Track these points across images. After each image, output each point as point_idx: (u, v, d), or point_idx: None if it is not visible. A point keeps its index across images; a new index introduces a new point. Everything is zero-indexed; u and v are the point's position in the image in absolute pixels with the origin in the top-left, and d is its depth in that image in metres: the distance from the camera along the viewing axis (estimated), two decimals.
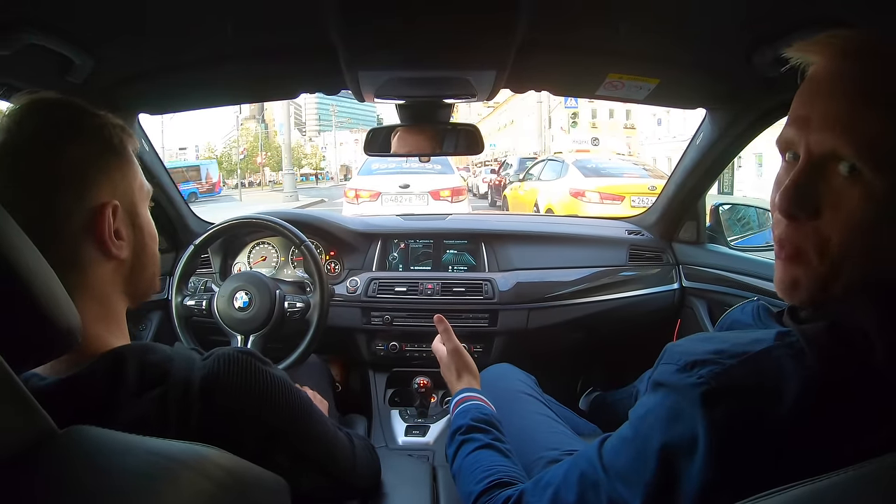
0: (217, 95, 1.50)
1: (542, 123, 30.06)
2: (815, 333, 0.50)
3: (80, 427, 0.44)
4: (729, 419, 0.49)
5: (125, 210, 0.66)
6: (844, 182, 0.50)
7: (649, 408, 0.57)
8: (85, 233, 0.63)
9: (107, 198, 0.64)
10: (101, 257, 0.64)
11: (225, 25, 1.05)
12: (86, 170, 0.63)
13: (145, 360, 0.60)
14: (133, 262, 0.68)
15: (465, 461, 0.89)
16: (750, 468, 0.49)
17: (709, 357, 0.52)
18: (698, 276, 1.83)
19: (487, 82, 1.23)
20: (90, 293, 0.63)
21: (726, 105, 1.45)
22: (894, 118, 0.47)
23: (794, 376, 0.49)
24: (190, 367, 0.62)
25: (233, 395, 0.62)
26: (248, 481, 0.49)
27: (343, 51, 1.08)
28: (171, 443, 0.44)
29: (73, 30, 0.99)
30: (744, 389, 0.50)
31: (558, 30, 1.10)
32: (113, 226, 0.64)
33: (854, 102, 0.49)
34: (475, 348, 1.80)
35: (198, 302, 1.49)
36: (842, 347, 0.49)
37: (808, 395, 0.48)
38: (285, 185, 20.83)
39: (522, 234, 1.95)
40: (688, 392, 0.51)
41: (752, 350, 0.51)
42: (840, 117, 0.49)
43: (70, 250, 0.62)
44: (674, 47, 1.20)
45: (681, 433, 0.52)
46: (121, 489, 0.39)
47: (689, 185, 1.77)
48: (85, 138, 0.63)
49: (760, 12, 0.98)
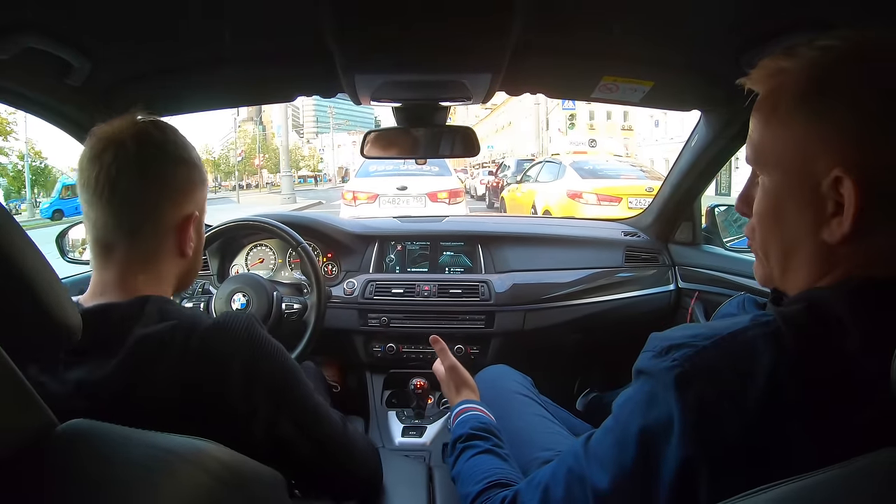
0: (214, 98, 1.51)
1: (539, 125, 30.14)
2: (793, 314, 0.53)
3: (79, 421, 0.45)
4: (701, 399, 0.51)
5: (199, 219, 0.81)
6: (756, 183, 0.61)
7: (629, 395, 0.59)
8: (172, 233, 0.77)
9: (192, 209, 0.79)
10: (173, 255, 0.78)
11: (222, 30, 1.06)
12: (185, 185, 0.78)
13: (164, 306, 0.72)
14: (192, 260, 0.83)
15: (465, 465, 0.90)
16: (725, 447, 0.50)
17: (684, 341, 0.54)
18: (694, 276, 1.84)
19: (483, 85, 1.24)
20: (157, 279, 0.76)
21: (720, 107, 1.46)
22: (768, 126, 0.58)
23: (767, 355, 0.50)
24: (200, 316, 0.73)
25: (229, 341, 0.70)
26: (246, 475, 0.50)
27: (339, 55, 1.09)
28: (169, 436, 0.45)
29: (71, 33, 1.00)
30: (716, 370, 0.52)
31: (553, 33, 1.11)
32: (191, 231, 0.79)
33: (753, 117, 0.60)
34: (472, 350, 1.81)
35: (196, 304, 1.50)
36: (819, 328, 0.51)
37: (781, 373, 0.49)
38: (283, 187, 20.81)
39: (519, 236, 1.96)
40: (663, 376, 0.53)
41: (725, 332, 0.53)
42: (750, 130, 0.61)
43: (157, 245, 0.76)
44: (667, 50, 1.21)
45: (657, 416, 0.54)
46: (121, 481, 0.40)
47: (685, 186, 1.78)
48: (187, 162, 0.78)
49: (748, 15, 1.00)
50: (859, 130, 0.51)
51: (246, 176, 42.19)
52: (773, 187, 0.58)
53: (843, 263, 0.54)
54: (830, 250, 0.54)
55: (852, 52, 0.53)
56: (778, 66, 0.57)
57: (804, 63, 0.55)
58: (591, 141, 14.65)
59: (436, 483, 1.28)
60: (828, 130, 0.52)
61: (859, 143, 0.51)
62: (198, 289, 1.60)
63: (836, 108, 0.52)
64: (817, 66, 0.54)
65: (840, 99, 0.52)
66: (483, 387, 1.53)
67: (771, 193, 0.59)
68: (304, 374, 0.80)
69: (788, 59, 0.56)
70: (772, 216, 0.59)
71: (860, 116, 0.51)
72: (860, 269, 0.53)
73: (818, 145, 0.53)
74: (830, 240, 0.53)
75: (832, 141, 0.52)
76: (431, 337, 1.23)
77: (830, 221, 0.53)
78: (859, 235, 0.52)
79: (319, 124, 62.28)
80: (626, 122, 31.39)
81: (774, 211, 0.58)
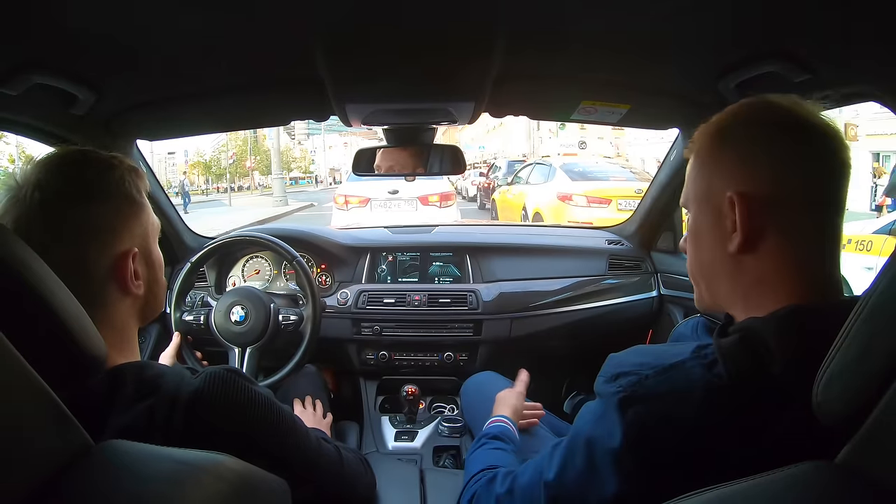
0: (211, 123, 1.57)
1: (530, 126, 30.17)
2: (728, 345, 0.61)
3: (113, 441, 0.51)
4: (639, 420, 0.60)
5: (142, 253, 0.75)
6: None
7: (587, 409, 0.70)
8: (109, 277, 0.71)
9: (127, 246, 0.72)
10: (121, 295, 0.72)
11: (219, 62, 1.12)
12: (109, 223, 0.71)
13: (141, 377, 0.67)
14: (146, 294, 0.77)
15: (480, 453, 1.08)
16: (659, 464, 0.60)
17: (631, 369, 0.64)
18: (675, 283, 1.90)
19: (467, 111, 1.32)
20: (111, 325, 0.71)
21: (696, 126, 1.52)
22: (690, 171, 0.73)
23: (702, 383, 0.59)
24: (179, 384, 0.68)
25: (216, 410, 0.69)
26: (257, 485, 0.56)
27: (330, 86, 1.15)
28: (192, 452, 0.51)
29: (77, 69, 1.05)
30: (655, 396, 0.61)
31: (532, 62, 1.17)
32: (133, 268, 0.72)
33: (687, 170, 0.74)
34: (461, 357, 1.87)
35: (196, 317, 1.55)
36: (746, 357, 0.59)
37: (712, 398, 0.58)
38: (274, 189, 20.74)
39: (506, 247, 2.03)
40: (610, 398, 0.63)
41: (667, 363, 0.63)
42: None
43: (96, 292, 0.70)
44: (643, 76, 1.27)
45: (602, 431, 0.64)
46: (155, 494, 0.45)
47: (665, 198, 1.85)
48: (109, 196, 0.71)
49: (725, 46, 1.05)
50: (749, 160, 0.65)
51: (237, 178, 41.91)
52: (693, 218, 0.73)
53: (750, 272, 0.65)
54: (736, 261, 0.66)
55: (741, 114, 0.69)
56: (700, 131, 0.72)
57: (713, 122, 0.70)
58: (580, 143, 14.75)
59: (427, 485, 1.35)
60: (725, 165, 0.67)
61: (748, 170, 0.65)
62: (197, 301, 1.65)
63: (732, 148, 0.67)
64: (720, 122, 0.70)
65: (735, 140, 0.67)
66: (471, 393, 1.61)
67: (692, 224, 0.73)
68: (294, 418, 0.82)
69: (706, 123, 0.72)
70: (694, 243, 0.73)
71: (749, 150, 0.66)
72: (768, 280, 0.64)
73: (718, 178, 0.68)
74: (732, 249, 0.65)
75: (728, 172, 0.67)
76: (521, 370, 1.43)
77: (731, 236, 0.65)
78: (755, 245, 0.64)
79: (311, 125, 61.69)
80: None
81: (695, 238, 0.73)
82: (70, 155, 0.73)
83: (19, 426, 0.43)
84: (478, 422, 1.42)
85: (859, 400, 0.45)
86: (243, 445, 0.69)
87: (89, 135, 1.30)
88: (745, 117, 0.68)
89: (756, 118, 0.68)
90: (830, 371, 0.48)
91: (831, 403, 0.49)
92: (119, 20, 0.89)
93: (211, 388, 0.69)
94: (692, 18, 0.94)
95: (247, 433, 0.72)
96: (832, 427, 0.49)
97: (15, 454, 0.42)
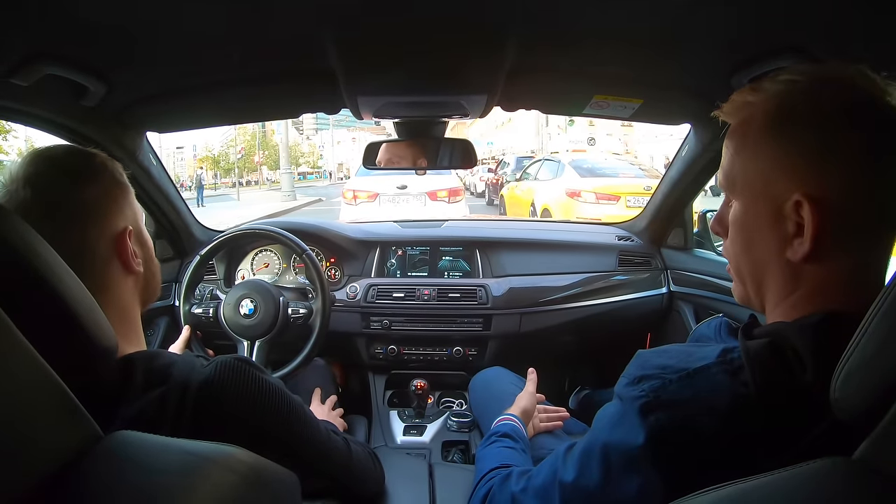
0: (222, 116, 1.57)
1: (539, 122, 30.06)
2: (756, 350, 0.57)
3: (121, 432, 0.50)
4: (662, 427, 0.57)
5: (135, 231, 0.77)
6: (729, 206, 0.67)
7: (605, 412, 0.66)
8: (111, 256, 0.73)
9: (123, 224, 0.74)
10: (124, 275, 0.75)
11: (231, 53, 1.11)
12: (103, 203, 0.73)
13: (151, 366, 0.68)
14: (146, 272, 0.79)
15: (489, 450, 1.08)
16: (681, 471, 0.56)
17: (654, 372, 0.60)
18: (685, 280, 1.89)
19: (479, 104, 1.30)
20: (115, 309, 0.72)
21: (709, 122, 1.51)
22: (737, 155, 0.63)
23: (728, 391, 0.56)
24: (190, 372, 0.68)
25: (226, 399, 0.69)
26: (268, 477, 0.55)
27: (342, 78, 1.15)
28: (202, 443, 0.51)
29: (88, 60, 1.05)
30: (679, 402, 0.57)
31: (546, 56, 1.16)
32: (131, 247, 0.75)
33: (725, 146, 0.66)
34: (470, 351, 1.87)
35: (205, 310, 1.56)
36: (776, 365, 0.55)
37: (738, 407, 0.55)
38: (283, 184, 20.80)
39: (515, 242, 2.02)
40: (632, 403, 0.59)
41: (692, 367, 0.59)
42: (722, 158, 0.67)
43: (101, 274, 0.71)
44: (656, 70, 1.26)
45: (621, 435, 0.60)
46: (164, 486, 0.45)
47: (676, 194, 1.84)
48: (97, 178, 0.74)
49: (739, 41, 1.04)
50: (817, 157, 0.56)
51: (246, 173, 42.08)
52: (743, 211, 0.64)
53: (809, 281, 0.59)
54: (795, 269, 0.59)
55: (812, 85, 0.59)
56: (745, 100, 0.63)
57: (769, 96, 0.60)
58: (589, 139, 14.67)
59: (436, 479, 1.34)
60: (789, 158, 0.58)
61: (817, 170, 0.56)
62: (206, 294, 1.65)
63: (797, 138, 0.57)
64: (780, 99, 0.59)
65: (801, 129, 0.57)
66: (480, 388, 1.60)
67: (741, 217, 0.64)
68: (305, 409, 0.83)
69: (755, 94, 0.62)
70: (743, 238, 0.64)
71: (818, 145, 0.56)
72: (823, 289, 0.58)
73: (780, 172, 0.58)
74: (794, 258, 0.58)
75: (793, 167, 0.58)
76: (530, 369, 1.42)
77: (793, 241, 0.58)
78: (820, 256, 0.57)
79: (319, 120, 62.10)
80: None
81: (744, 233, 0.64)
82: (54, 147, 0.75)
83: (30, 417, 0.43)
84: (486, 417, 1.42)
85: (878, 395, 0.45)
86: (254, 434, 0.70)
87: (100, 127, 1.30)
88: (816, 98, 0.58)
89: (830, 100, 0.57)
90: (849, 366, 0.47)
91: (849, 399, 0.48)
92: (130, 11, 0.88)
93: (222, 377, 0.69)
94: (706, 13, 0.93)
95: (257, 422, 0.72)
96: (850, 424, 0.48)
97: (25, 445, 0.42)
